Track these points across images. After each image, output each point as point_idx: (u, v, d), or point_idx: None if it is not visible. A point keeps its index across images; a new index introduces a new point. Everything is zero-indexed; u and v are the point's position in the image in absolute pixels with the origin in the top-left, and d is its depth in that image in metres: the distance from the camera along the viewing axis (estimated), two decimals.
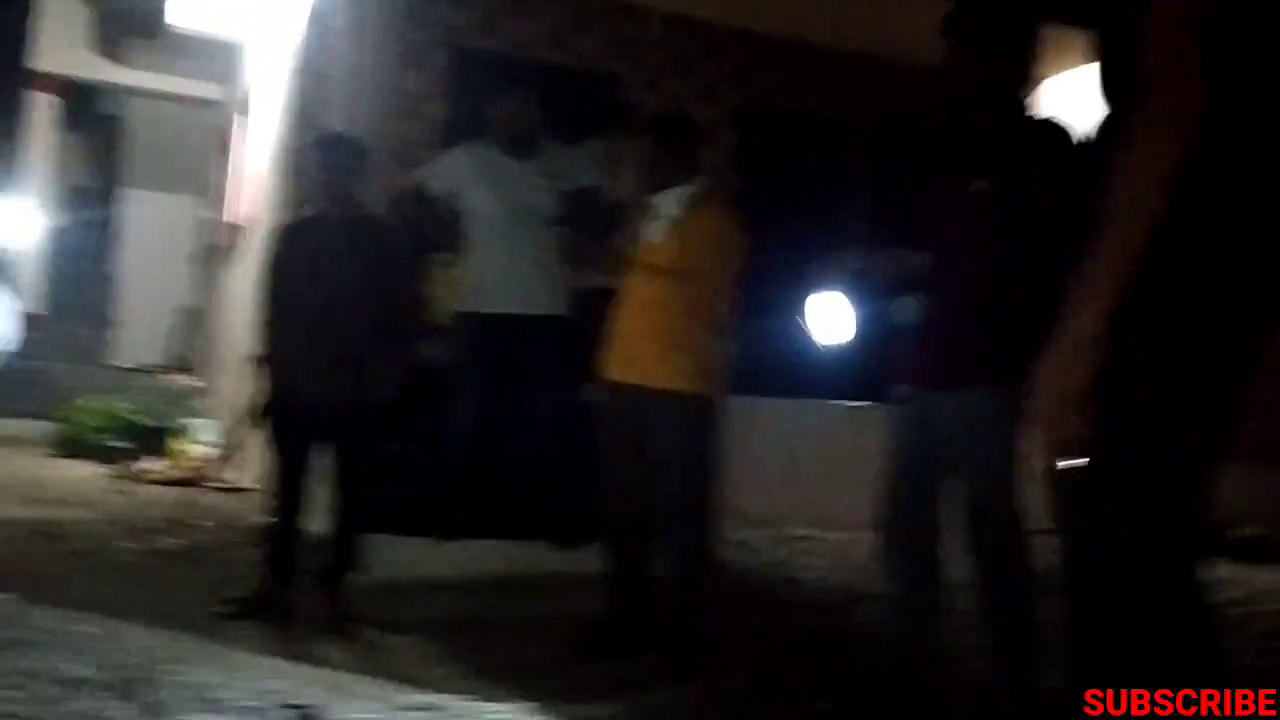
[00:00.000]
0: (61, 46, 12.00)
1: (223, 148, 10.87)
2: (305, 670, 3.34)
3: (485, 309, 4.51)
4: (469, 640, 3.82)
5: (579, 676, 3.42)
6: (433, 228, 4.78)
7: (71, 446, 9.12)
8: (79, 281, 12.55)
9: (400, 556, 4.41)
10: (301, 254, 4.15)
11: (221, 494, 6.97)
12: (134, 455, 8.42)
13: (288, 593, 4.11)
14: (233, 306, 9.54)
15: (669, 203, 3.74)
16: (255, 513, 6.27)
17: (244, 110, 9.48)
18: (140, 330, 12.56)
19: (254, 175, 8.84)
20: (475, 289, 4.54)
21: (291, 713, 2.88)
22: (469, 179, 4.60)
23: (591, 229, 4.40)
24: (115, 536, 5.34)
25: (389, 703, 3.03)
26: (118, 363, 11.72)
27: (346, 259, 4.08)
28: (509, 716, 2.97)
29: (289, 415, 4.13)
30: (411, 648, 3.72)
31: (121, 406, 9.44)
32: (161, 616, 3.87)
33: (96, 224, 13.90)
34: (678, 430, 3.65)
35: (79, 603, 3.92)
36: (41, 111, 12.65)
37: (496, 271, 4.50)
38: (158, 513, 6.20)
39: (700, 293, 3.68)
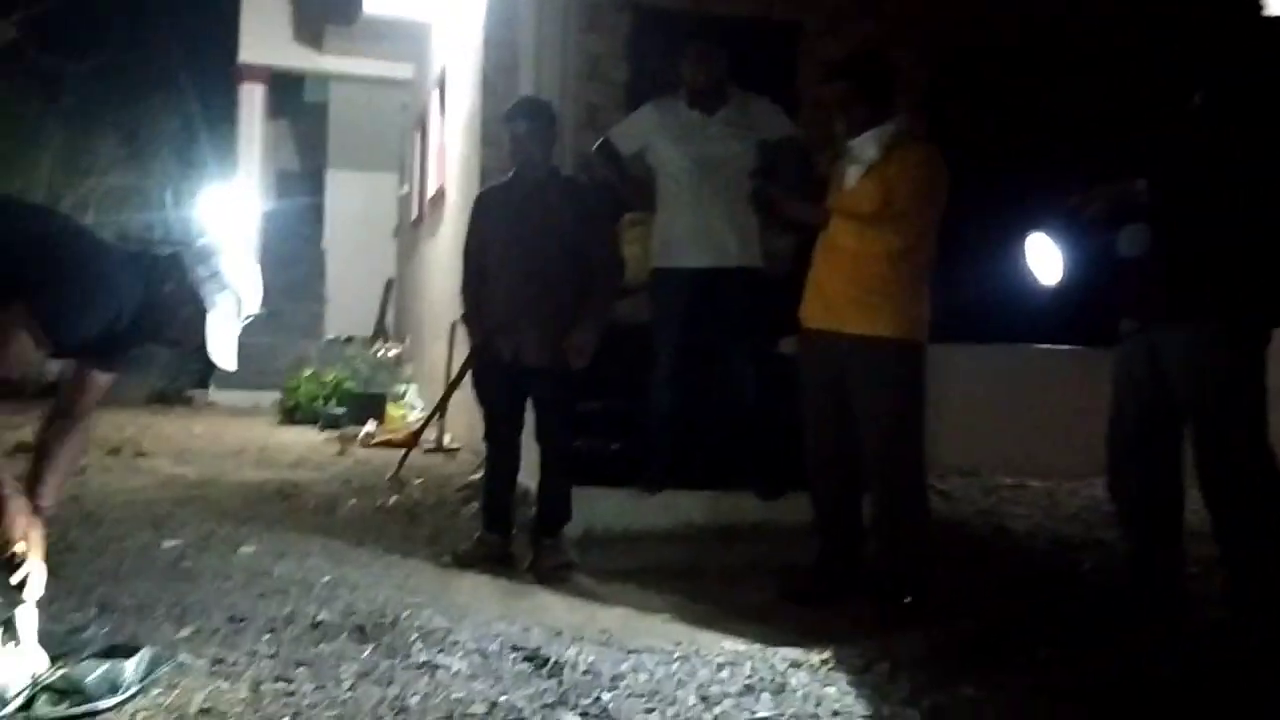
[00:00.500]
0: (267, 39, 12.70)
1: (417, 125, 11.27)
2: (528, 616, 3.46)
3: (677, 264, 4.51)
4: (681, 587, 3.88)
5: (792, 622, 3.41)
6: (624, 187, 4.82)
7: (294, 414, 9.76)
8: (292, 261, 13.33)
9: (609, 508, 4.51)
10: (500, 218, 4.26)
11: (431, 454, 7.30)
12: (350, 421, 8.92)
13: (506, 544, 4.27)
14: (432, 277, 9.93)
15: (866, 146, 3.64)
16: (465, 471, 6.55)
17: (436, 87, 9.79)
18: (348, 304, 13.27)
19: (448, 149, 9.13)
20: (666, 244, 4.55)
21: (520, 654, 3.00)
22: (657, 135, 4.59)
23: (787, 178, 4.32)
24: (343, 495, 5.68)
25: (614, 645, 3.12)
26: (330, 335, 12.43)
27: (544, 221, 4.16)
28: (731, 659, 3.00)
29: (495, 375, 4.26)
30: (626, 595, 3.81)
31: (336, 376, 10.00)
32: (390, 567, 4.10)
33: (304, 205, 14.73)
34: (881, 377, 3.57)
35: (318, 555, 4.21)
36: (251, 101, 13.46)
37: (687, 226, 4.50)
38: (377, 473, 6.54)
39: (902, 237, 3.58)
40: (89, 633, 2.88)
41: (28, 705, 2.39)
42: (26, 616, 2.50)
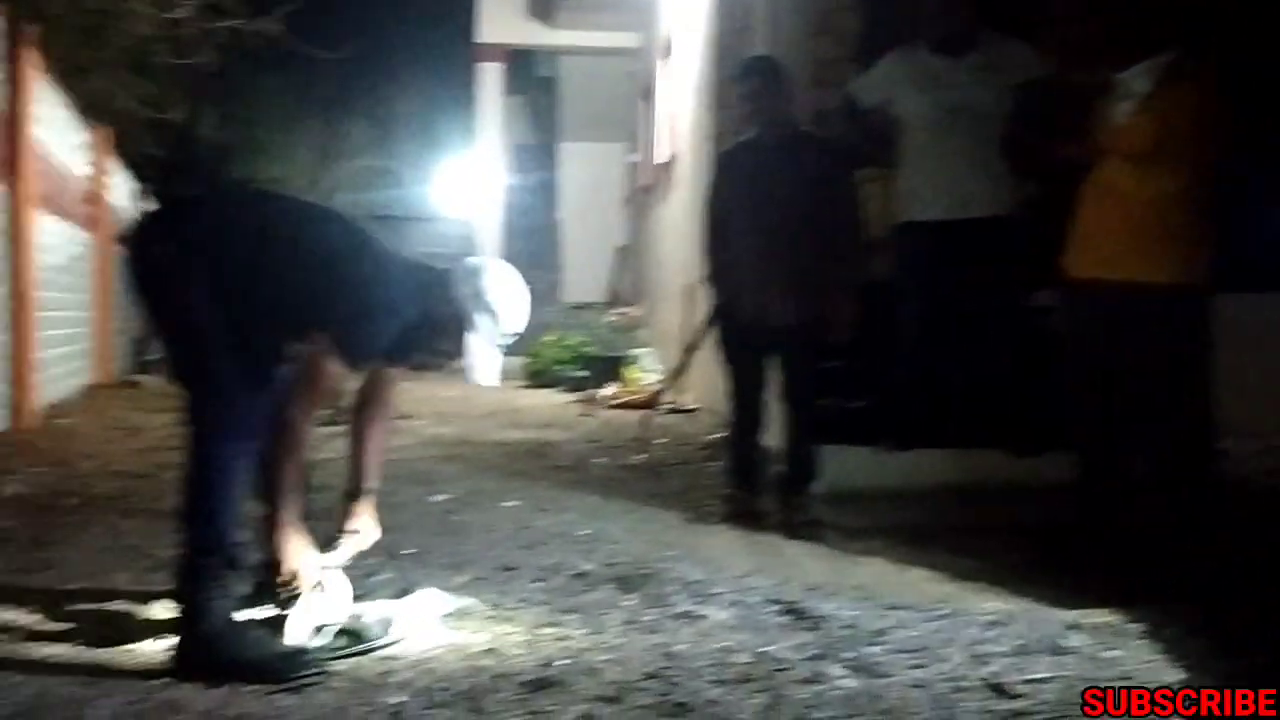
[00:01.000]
0: (502, 18, 13.13)
1: (645, 93, 11.40)
2: (780, 571, 3.47)
3: (923, 217, 4.37)
4: (934, 546, 3.78)
5: (1057, 583, 3.26)
6: (865, 141, 4.71)
7: (539, 378, 10.15)
8: (529, 232, 13.86)
9: (855, 466, 4.45)
10: (741, 177, 4.25)
11: (671, 415, 7.41)
12: (592, 384, 9.20)
13: (753, 501, 4.29)
14: (665, 242, 10.06)
15: (1136, 79, 3.39)
16: (705, 431, 6.62)
17: (664, 54, 9.86)
18: (583, 271, 13.65)
19: (677, 115, 9.19)
20: (911, 197, 4.41)
21: (777, 607, 3.02)
22: (900, 85, 4.45)
23: (1040, 122, 4.10)
24: (592, 454, 5.88)
25: (872, 602, 3.09)
26: (567, 301, 12.84)
27: (786, 178, 4.12)
28: (1001, 618, 2.91)
29: (739, 335, 4.27)
30: (878, 553, 3.75)
31: (576, 340, 10.32)
32: (642, 521, 4.20)
33: (539, 178, 15.24)
34: (1161, 328, 3.33)
35: (574, 510, 4.37)
36: (488, 79, 13.98)
37: (933, 177, 4.34)
38: (621, 433, 6.72)
39: (1179, 176, 3.32)
40: (381, 578, 3.11)
41: (332, 646, 2.60)
42: (336, 570, 2.72)
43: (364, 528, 2.84)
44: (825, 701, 2.30)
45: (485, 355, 2.71)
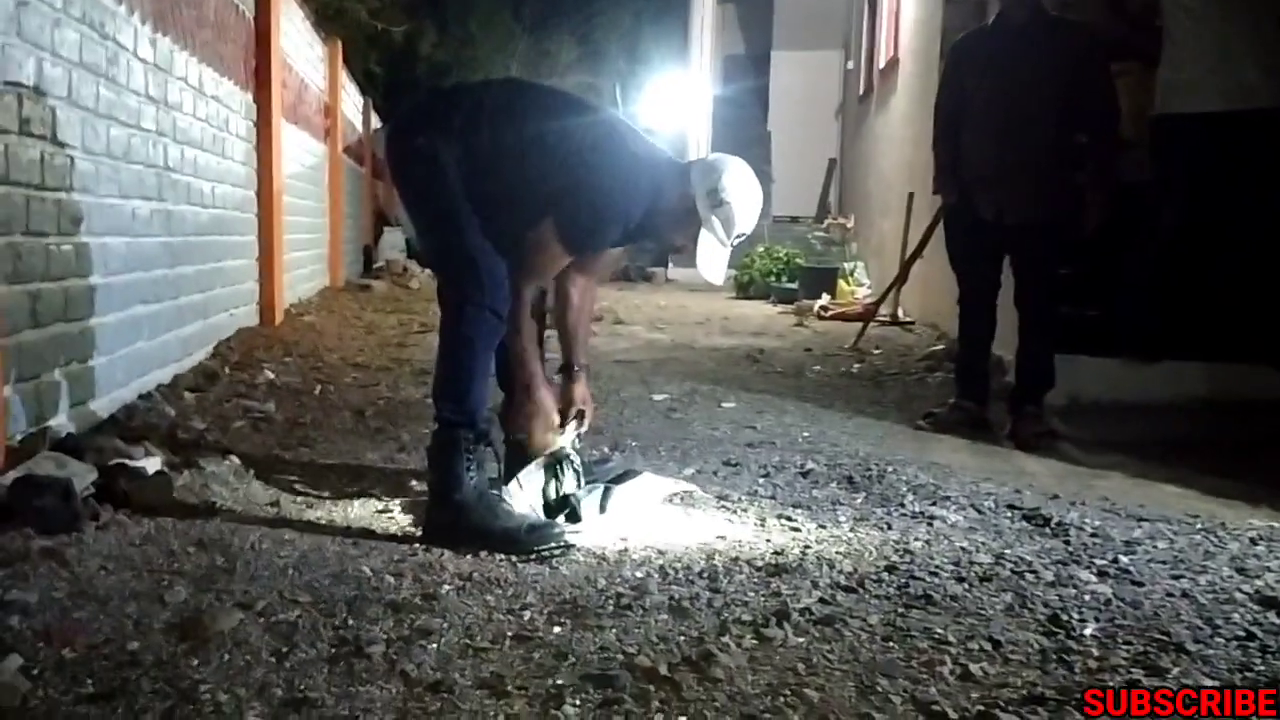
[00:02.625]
0: None
1: None
2: (1014, 480, 3.34)
3: (1189, 108, 4.01)
4: (1186, 461, 3.55)
5: None
6: (1124, 29, 4.35)
7: (748, 289, 10.11)
8: (739, 145, 13.65)
9: (1097, 377, 4.22)
10: (980, 64, 4.00)
11: (887, 327, 7.24)
12: (803, 295, 9.08)
13: (983, 410, 4.14)
14: (882, 151, 9.73)
15: None
16: (924, 343, 6.43)
17: None
18: (793, 184, 13.40)
19: (901, 15, 8.80)
20: (1179, 87, 4.05)
21: (1017, 513, 2.90)
22: None
23: None
24: (807, 362, 5.81)
25: (1120, 512, 2.93)
26: (778, 214, 12.66)
27: (1030, 66, 3.86)
28: (1267, 534, 2.71)
29: (971, 235, 4.07)
30: (1121, 466, 3.55)
31: (788, 252, 10.19)
32: (864, 427, 4.12)
33: (750, 89, 14.97)
34: None
35: (793, 413, 4.33)
36: None
37: (1201, 64, 3.97)
38: (835, 343, 6.62)
39: None
40: (612, 463, 3.17)
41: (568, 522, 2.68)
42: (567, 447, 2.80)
43: (583, 401, 2.89)
44: (1078, 604, 2.19)
45: (715, 252, 2.70)
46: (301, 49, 7.52)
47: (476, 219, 2.55)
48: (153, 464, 2.79)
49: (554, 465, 2.75)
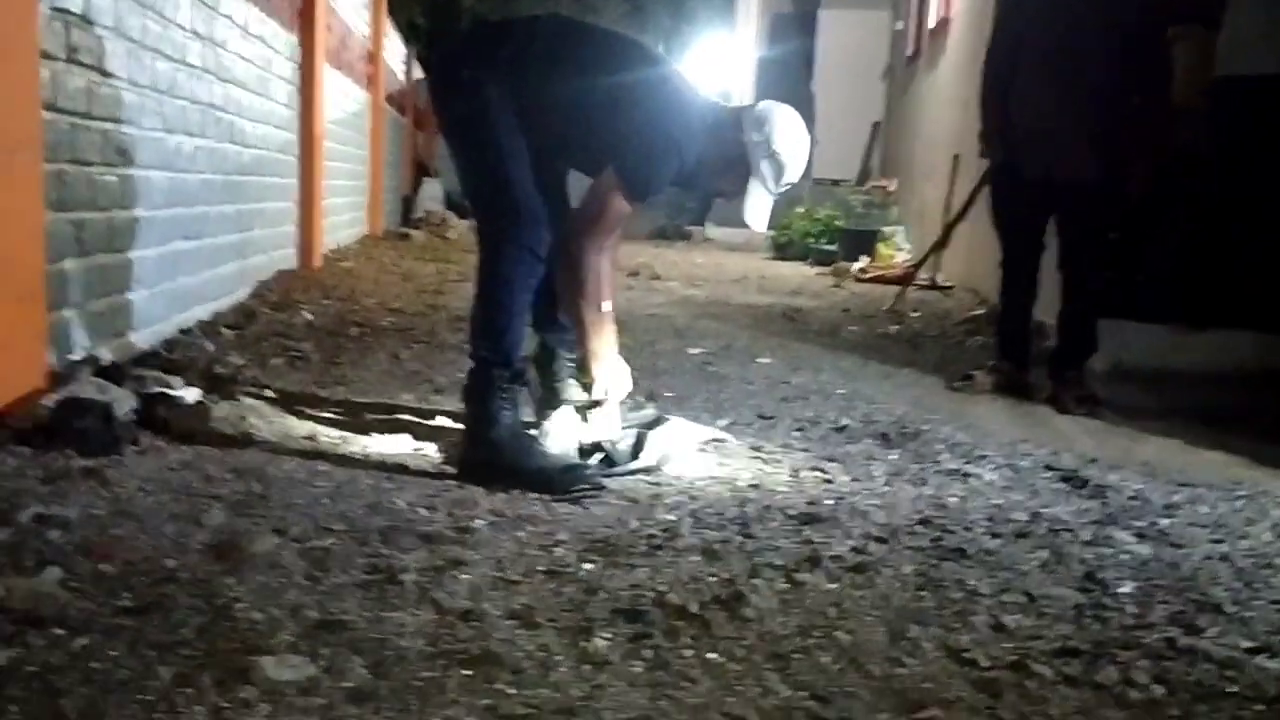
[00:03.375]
0: None
1: None
2: (1052, 442, 3.29)
3: (1248, 70, 3.90)
4: (1233, 429, 3.48)
5: None
6: None
7: (786, 250, 10.04)
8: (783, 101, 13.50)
9: (1142, 344, 4.15)
10: (1040, 11, 3.90)
11: (926, 290, 7.17)
12: (842, 257, 9.01)
13: (1022, 374, 4.08)
14: (928, 113, 9.58)
15: None
16: (964, 307, 6.37)
17: None
18: (835, 146, 13.22)
19: None
20: (1241, 46, 3.92)
21: (1053, 474, 2.87)
22: None
23: None
24: (844, 322, 5.77)
25: (1160, 477, 2.89)
26: (819, 176, 12.54)
27: (1093, 11, 3.75)
28: None
29: (1018, 194, 3.99)
30: (1164, 432, 3.50)
31: (828, 213, 10.09)
32: (900, 387, 4.08)
33: (795, 49, 14.77)
34: None
35: (829, 371, 4.30)
36: None
37: (1261, 25, 3.85)
38: (873, 304, 6.56)
39: None
40: (646, 412, 3.16)
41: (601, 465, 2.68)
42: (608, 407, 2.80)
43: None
44: (1115, 564, 2.17)
45: (762, 200, 2.69)
46: None
47: (525, 159, 2.53)
48: (192, 394, 2.82)
49: (589, 408, 2.75)
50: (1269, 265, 4.02)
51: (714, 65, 16.76)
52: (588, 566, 1.97)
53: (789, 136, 2.67)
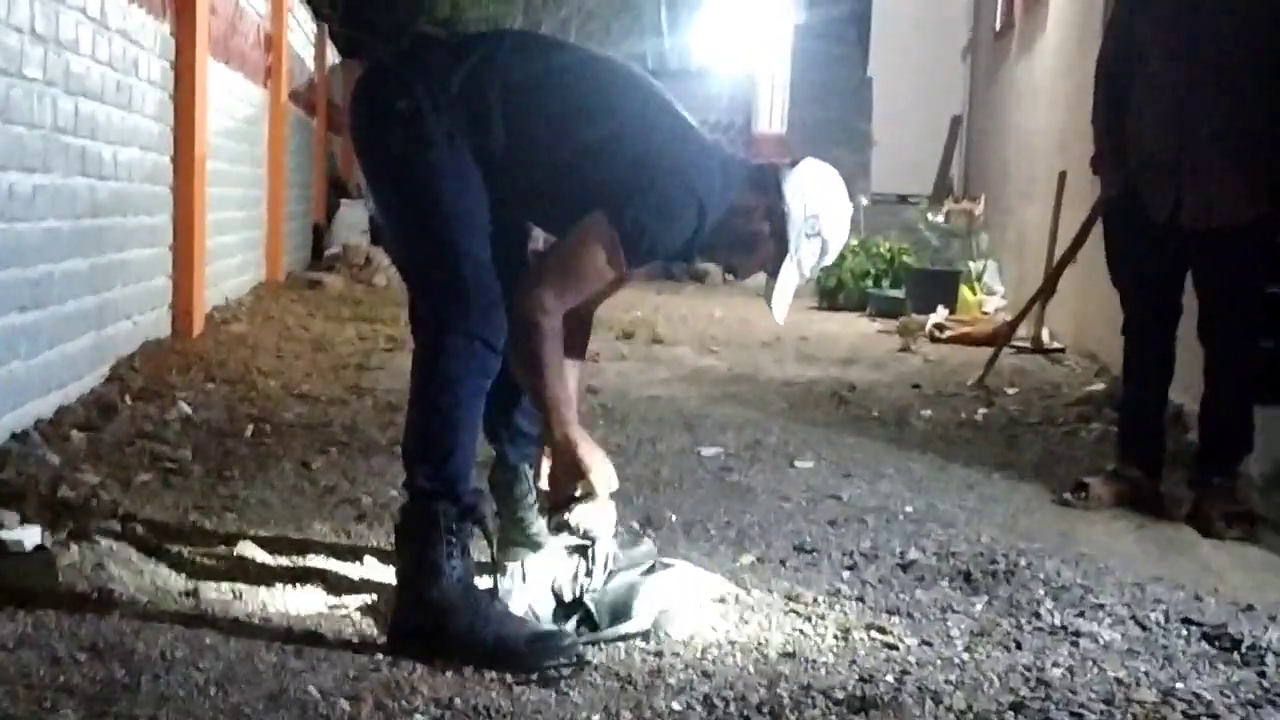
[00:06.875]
0: None
1: None
2: (1194, 581, 3.35)
3: None
4: None
5: None
6: None
7: (836, 296, 10.13)
8: (828, 93, 13.73)
9: None
10: (1165, 7, 4.04)
11: (1027, 355, 7.26)
12: (912, 307, 9.10)
13: (1154, 482, 4.16)
14: (1024, 109, 9.76)
15: None
16: (1079, 380, 6.46)
17: None
18: (901, 150, 13.44)
19: None
20: None
21: (1195, 631, 2.93)
22: None
23: None
24: (915, 404, 5.86)
25: None
26: (879, 190, 12.73)
27: (1236, 11, 3.89)
28: None
29: (1141, 239, 4.10)
30: None
31: (892, 247, 10.22)
32: (988, 501, 4.16)
33: (844, 16, 15.05)
34: None
35: (893, 478, 4.38)
36: None
37: None
38: (955, 376, 6.65)
39: None
40: (643, 547, 3.23)
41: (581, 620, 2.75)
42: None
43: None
44: None
45: (791, 284, 2.82)
46: None
47: (479, 217, 2.61)
48: (29, 536, 2.88)
49: (574, 551, 2.82)
50: None
51: (734, 36, 16.99)
52: None
53: (834, 211, 2.78)
